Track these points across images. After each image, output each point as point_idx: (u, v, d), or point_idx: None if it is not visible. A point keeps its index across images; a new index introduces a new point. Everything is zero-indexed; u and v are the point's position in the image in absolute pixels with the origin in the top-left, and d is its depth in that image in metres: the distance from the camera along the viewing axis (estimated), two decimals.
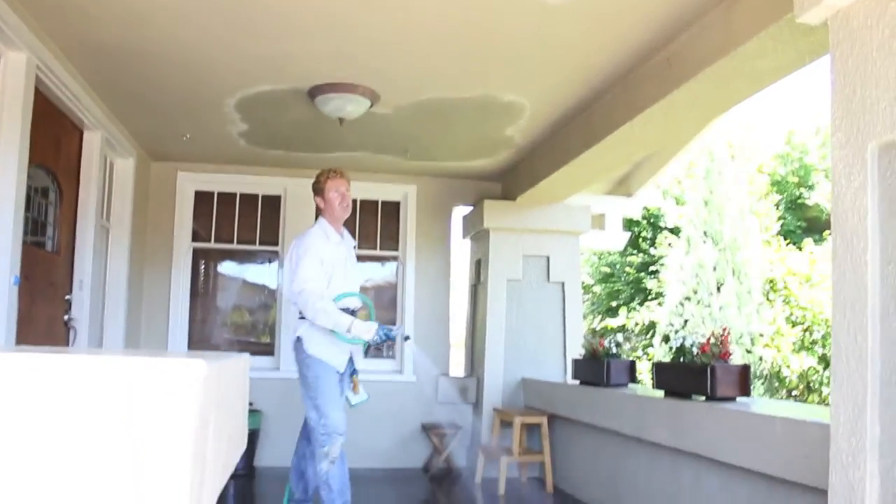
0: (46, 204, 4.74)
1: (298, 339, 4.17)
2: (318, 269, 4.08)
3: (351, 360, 4.28)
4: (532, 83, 4.61)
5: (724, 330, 3.98)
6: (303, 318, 4.15)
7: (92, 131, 5.14)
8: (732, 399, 3.85)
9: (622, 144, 4.86)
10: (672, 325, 11.03)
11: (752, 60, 3.46)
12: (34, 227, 4.54)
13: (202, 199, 7.01)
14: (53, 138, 4.67)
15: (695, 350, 4.05)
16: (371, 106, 4.86)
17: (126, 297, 5.96)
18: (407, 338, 4.81)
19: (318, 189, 4.32)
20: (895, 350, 2.10)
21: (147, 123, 5.65)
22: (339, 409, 4.12)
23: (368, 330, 4.06)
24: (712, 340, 3.97)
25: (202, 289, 7.20)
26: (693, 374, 3.98)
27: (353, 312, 4.23)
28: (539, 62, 4.26)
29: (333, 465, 4.03)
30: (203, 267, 7.20)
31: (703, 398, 3.91)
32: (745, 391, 3.87)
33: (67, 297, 4.97)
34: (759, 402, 3.91)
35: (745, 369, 3.94)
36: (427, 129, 5.59)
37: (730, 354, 3.95)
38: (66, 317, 4.92)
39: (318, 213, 4.43)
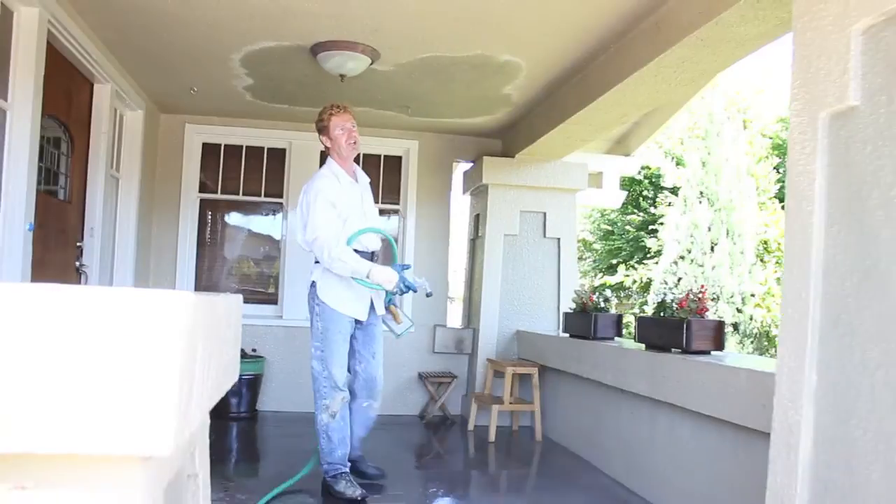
0: (59, 154, 4.94)
1: (313, 284, 4.05)
2: (329, 213, 3.92)
3: (383, 301, 4.17)
4: (527, 44, 4.74)
5: (702, 287, 4.17)
6: (318, 262, 4.02)
7: (102, 84, 5.31)
8: (707, 353, 4.06)
9: (615, 104, 5.00)
10: (666, 283, 11.24)
11: (735, 26, 3.59)
12: (47, 176, 4.74)
13: (209, 150, 7.19)
14: (65, 90, 4.84)
15: (675, 306, 4.25)
16: (371, 63, 5.00)
17: (135, 245, 6.19)
18: (429, 294, 4.30)
19: (322, 127, 4.11)
20: (834, 306, 2.29)
21: (156, 77, 5.81)
22: (343, 364, 4.04)
23: (389, 280, 3.92)
24: (690, 297, 4.16)
25: (209, 239, 7.42)
26: (671, 329, 4.18)
27: (372, 255, 4.11)
28: (533, 24, 4.39)
29: (333, 419, 4.01)
30: (210, 217, 7.41)
31: (680, 351, 4.12)
32: (719, 345, 4.08)
33: (79, 244, 5.19)
34: (730, 356, 4.11)
35: (719, 325, 4.13)
36: (427, 87, 5.72)
37: (706, 310, 4.14)
38: (77, 263, 5.15)
39: (325, 153, 4.27)
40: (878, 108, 2.17)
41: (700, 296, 4.16)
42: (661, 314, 4.36)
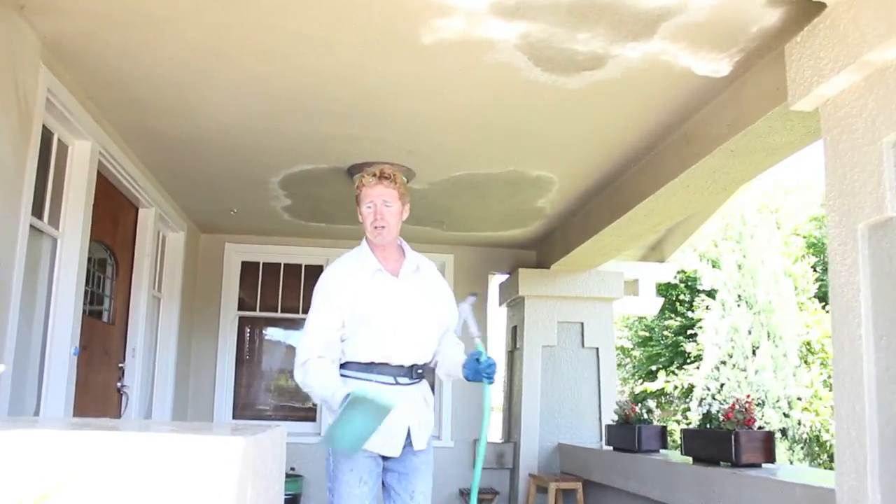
0: (103, 277, 5.07)
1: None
2: (326, 313, 2.83)
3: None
4: (558, 159, 4.84)
5: (747, 397, 4.06)
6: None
7: (146, 208, 5.49)
8: (758, 465, 3.91)
9: (648, 215, 5.04)
10: (708, 388, 10.94)
11: (763, 137, 3.63)
12: (92, 298, 4.85)
13: (248, 268, 7.34)
14: (111, 216, 5.02)
15: (721, 416, 4.14)
16: (407, 182, 5.12)
17: (175, 364, 6.23)
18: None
19: (355, 197, 3.05)
20: (892, 421, 2.22)
21: (197, 200, 6.01)
22: None
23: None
24: (737, 407, 4.06)
25: (247, 355, 7.46)
26: (719, 441, 4.05)
27: (411, 370, 2.90)
28: (563, 141, 4.50)
29: None
30: (248, 333, 7.48)
31: (729, 465, 3.98)
32: (770, 457, 3.94)
33: (121, 364, 5.25)
34: (783, 469, 3.97)
35: (769, 436, 4.01)
36: (461, 202, 5.83)
37: (754, 421, 4.02)
38: (119, 384, 5.20)
39: None
40: None
41: (747, 406, 4.05)
42: (708, 425, 4.25)
